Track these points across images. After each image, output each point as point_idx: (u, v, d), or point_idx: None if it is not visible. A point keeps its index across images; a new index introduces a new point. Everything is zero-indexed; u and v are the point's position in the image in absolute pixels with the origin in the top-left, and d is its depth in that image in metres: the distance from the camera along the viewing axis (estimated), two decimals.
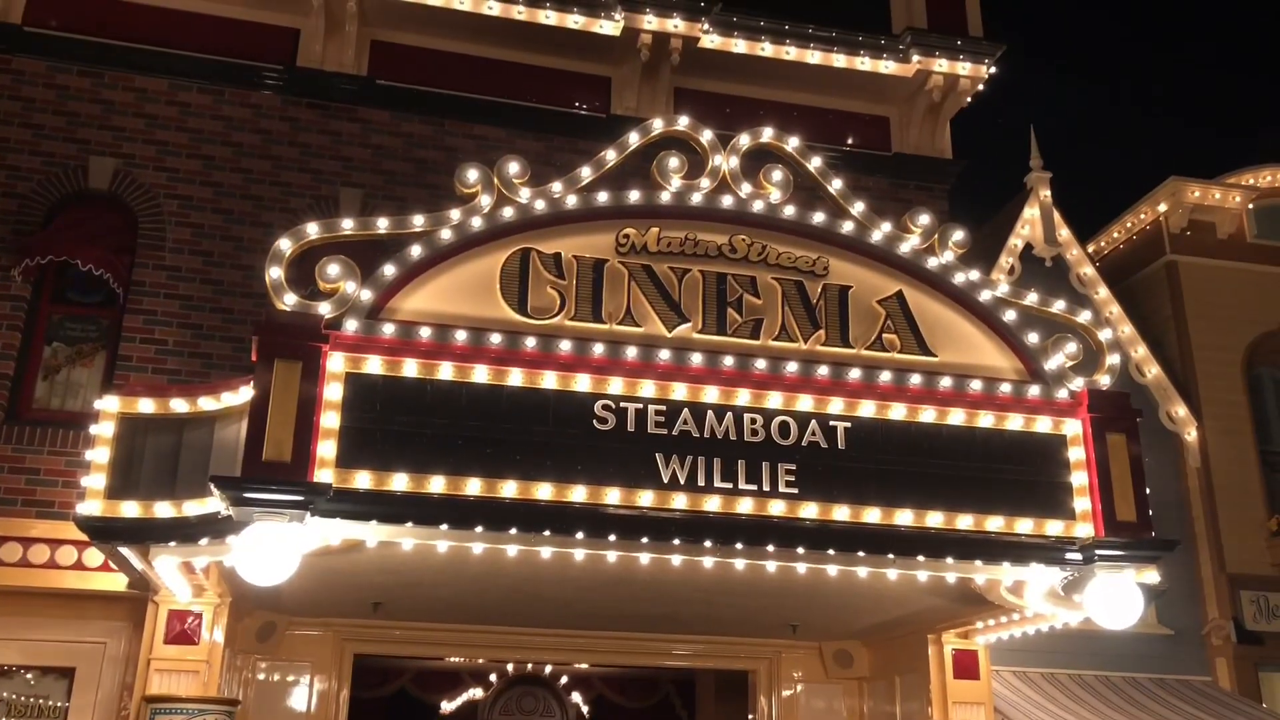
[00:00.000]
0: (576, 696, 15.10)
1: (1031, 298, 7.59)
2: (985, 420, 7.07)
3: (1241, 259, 13.75)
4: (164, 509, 6.21)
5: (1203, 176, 13.89)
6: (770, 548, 6.58)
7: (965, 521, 6.81)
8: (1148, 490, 7.08)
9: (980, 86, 11.54)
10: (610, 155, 7.27)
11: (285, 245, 6.53)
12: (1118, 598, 6.74)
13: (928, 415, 6.98)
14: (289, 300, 6.39)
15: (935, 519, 6.76)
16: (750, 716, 10.45)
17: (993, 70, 11.47)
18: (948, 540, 6.77)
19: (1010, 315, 7.43)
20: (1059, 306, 7.63)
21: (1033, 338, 7.39)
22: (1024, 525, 6.88)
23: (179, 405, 6.43)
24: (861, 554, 6.73)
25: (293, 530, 5.87)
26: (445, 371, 6.39)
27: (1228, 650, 11.86)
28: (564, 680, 14.85)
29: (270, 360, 6.18)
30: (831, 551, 6.66)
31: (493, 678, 14.68)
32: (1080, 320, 7.61)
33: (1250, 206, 13.94)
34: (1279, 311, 13.52)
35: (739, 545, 6.53)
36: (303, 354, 6.22)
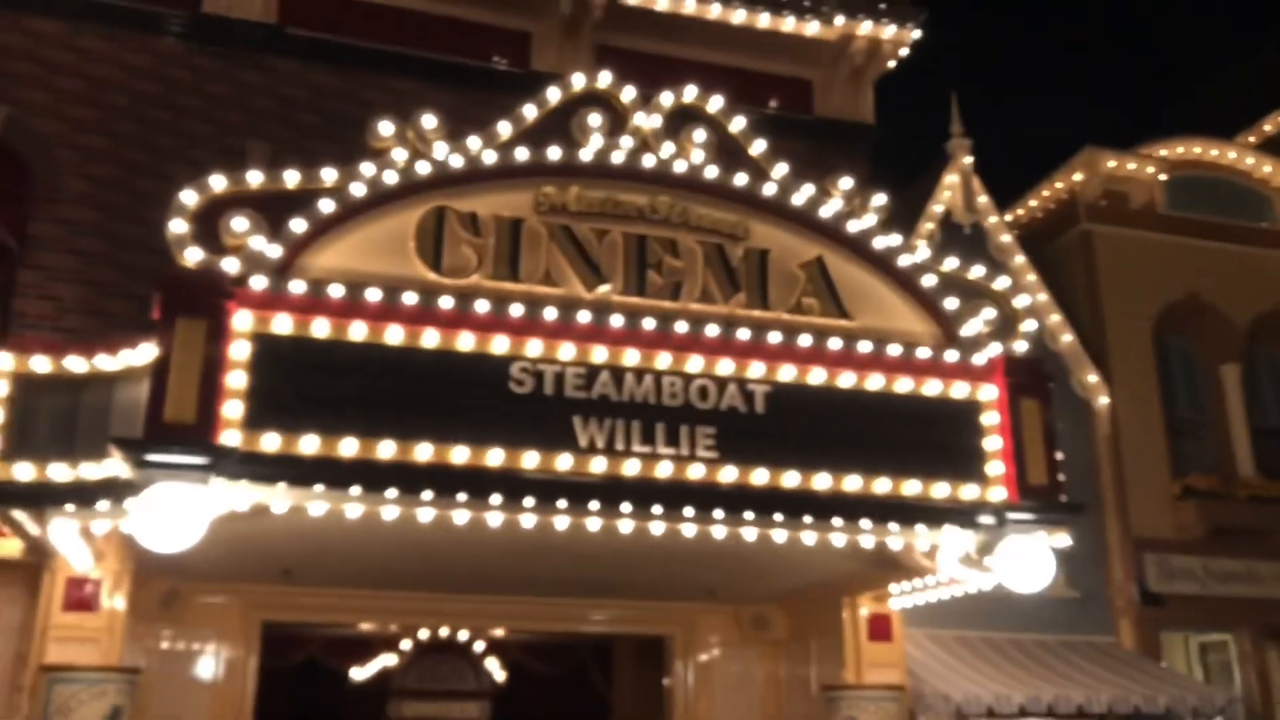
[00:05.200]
0: (492, 664, 15.03)
1: (950, 264, 7.62)
2: (903, 384, 7.09)
3: (1153, 229, 14.00)
4: (60, 471, 6.01)
5: (1118, 147, 14.10)
6: (688, 512, 6.54)
7: (882, 485, 6.84)
8: (1058, 455, 7.18)
9: (904, 51, 11.56)
10: (530, 112, 7.11)
11: (189, 198, 6.33)
12: (1029, 561, 6.82)
13: (846, 379, 6.98)
14: (193, 256, 6.19)
15: (853, 483, 6.78)
16: (666, 681, 10.47)
17: (916, 35, 11.49)
18: (864, 504, 6.79)
19: (929, 280, 7.44)
20: (976, 273, 7.67)
21: (951, 303, 7.42)
22: (939, 489, 6.93)
23: (76, 364, 6.22)
24: (779, 518, 6.72)
25: (196, 494, 5.69)
26: (357, 331, 6.21)
27: (1131, 612, 12.17)
28: (479, 647, 14.77)
29: (173, 318, 5.99)
30: (749, 515, 6.64)
31: (406, 645, 14.54)
32: (997, 287, 7.67)
33: (1163, 178, 14.18)
34: (1188, 282, 13.81)
35: (657, 509, 6.48)
36: (207, 311, 6.03)
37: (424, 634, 14.01)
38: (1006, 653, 11.04)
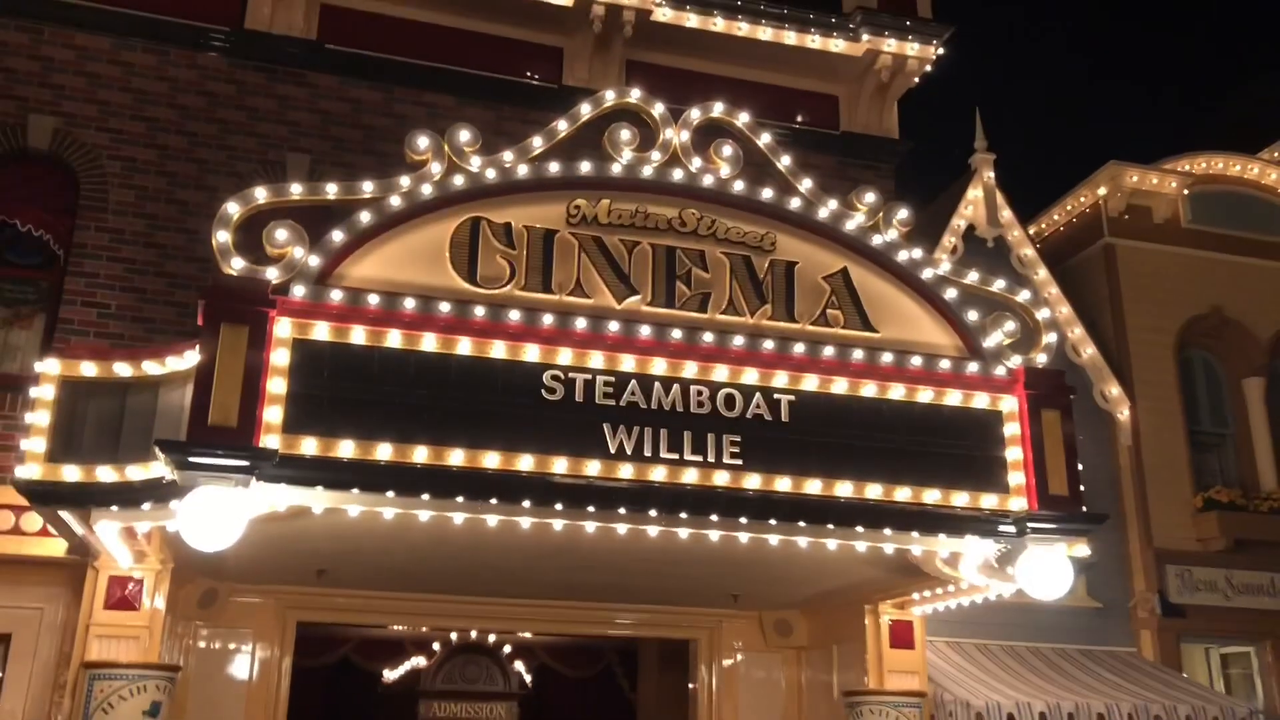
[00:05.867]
0: (519, 665, 15.21)
1: (972, 277, 7.74)
2: (925, 395, 7.22)
3: (1176, 243, 14.06)
4: (106, 473, 6.19)
5: (1141, 161, 14.17)
6: (714, 517, 6.69)
7: (903, 494, 6.96)
8: (1080, 466, 7.28)
9: (928, 67, 11.67)
10: (562, 126, 7.28)
11: (233, 209, 6.52)
12: (1049, 570, 6.93)
13: (869, 389, 7.11)
14: (236, 265, 6.37)
15: (874, 491, 6.91)
16: (691, 685, 10.60)
17: (941, 51, 11.60)
18: (886, 512, 6.92)
19: (951, 293, 7.57)
20: (999, 286, 7.78)
21: (973, 316, 7.54)
22: (960, 498, 7.05)
23: (122, 369, 6.39)
24: (802, 524, 6.86)
25: (237, 495, 5.86)
26: (393, 339, 6.39)
27: (1152, 623, 12.22)
28: (507, 649, 14.95)
29: (216, 324, 6.16)
30: (773, 522, 6.78)
31: (436, 646, 14.75)
32: (1019, 300, 7.77)
33: (1186, 192, 14.24)
34: (1211, 295, 13.86)
35: (683, 515, 6.63)
36: (249, 319, 6.20)
37: (454, 636, 14.22)
38: (1027, 661, 11.12)
